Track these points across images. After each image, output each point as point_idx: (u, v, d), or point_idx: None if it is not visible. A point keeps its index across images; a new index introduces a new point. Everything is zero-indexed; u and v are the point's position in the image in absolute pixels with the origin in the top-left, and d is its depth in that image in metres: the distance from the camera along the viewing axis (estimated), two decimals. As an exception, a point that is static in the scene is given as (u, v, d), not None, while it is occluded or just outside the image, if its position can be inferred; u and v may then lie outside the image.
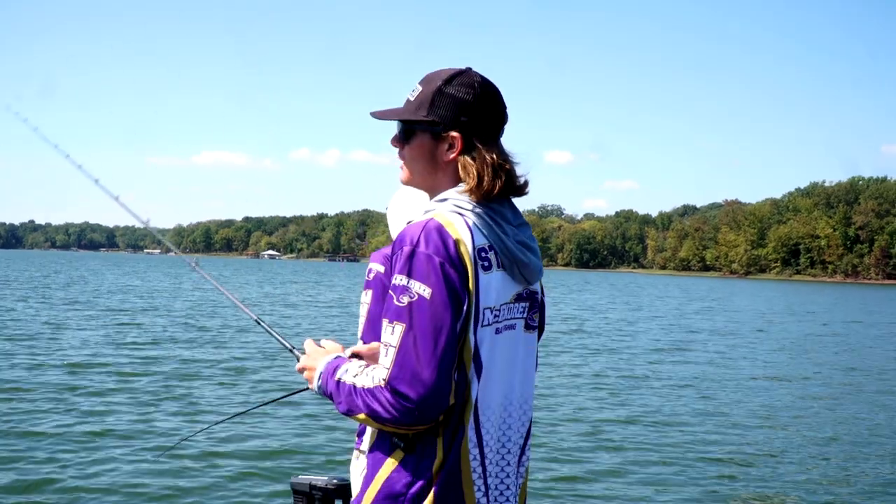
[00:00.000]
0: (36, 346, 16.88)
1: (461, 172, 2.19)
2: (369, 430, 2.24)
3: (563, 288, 65.85)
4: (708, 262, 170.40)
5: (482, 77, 2.24)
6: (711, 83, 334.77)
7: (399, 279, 2.03)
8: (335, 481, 3.61)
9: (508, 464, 2.21)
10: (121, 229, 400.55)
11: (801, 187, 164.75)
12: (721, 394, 14.13)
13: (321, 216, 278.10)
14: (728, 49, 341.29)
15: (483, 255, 2.09)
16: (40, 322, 21.97)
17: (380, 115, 2.30)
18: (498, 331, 2.15)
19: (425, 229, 2.05)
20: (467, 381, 2.08)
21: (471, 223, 2.10)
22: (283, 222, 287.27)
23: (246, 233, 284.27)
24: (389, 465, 2.10)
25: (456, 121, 2.18)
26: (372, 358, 2.28)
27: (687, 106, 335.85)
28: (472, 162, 2.17)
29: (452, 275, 2.01)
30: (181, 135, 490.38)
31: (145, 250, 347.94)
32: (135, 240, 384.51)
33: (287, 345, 2.62)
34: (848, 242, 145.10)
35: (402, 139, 2.29)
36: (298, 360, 2.36)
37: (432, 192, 2.27)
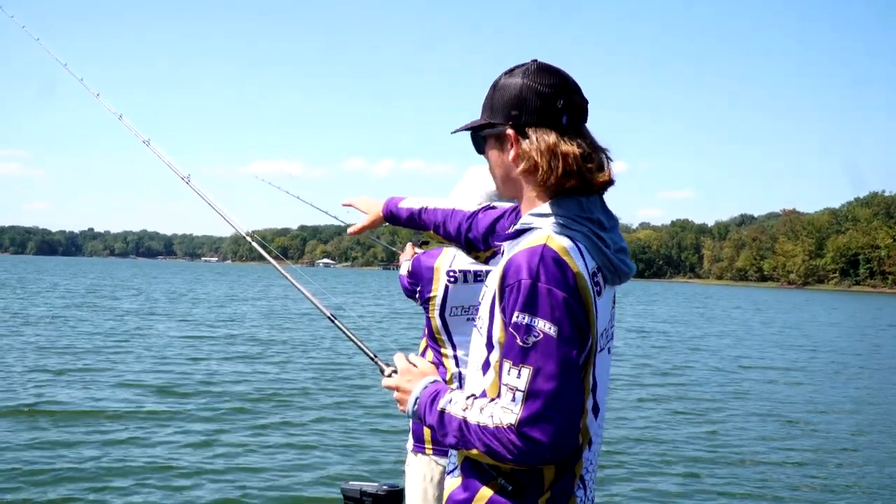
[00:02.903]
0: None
1: (520, 164, 2.06)
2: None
3: (630, 298, 63.44)
4: (765, 273, 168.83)
5: (539, 64, 2.10)
6: (770, 92, 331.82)
7: (521, 317, 1.89)
8: (385, 488, 3.64)
9: (594, 476, 2.15)
10: (178, 237, 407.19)
11: (861, 196, 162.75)
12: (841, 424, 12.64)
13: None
14: (786, 57, 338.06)
15: (595, 279, 1.97)
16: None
17: (456, 130, 2.23)
18: (602, 349, 2.06)
19: (543, 260, 1.90)
20: (585, 412, 2.00)
21: (582, 246, 1.97)
22: (338, 231, 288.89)
23: (301, 241, 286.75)
24: (487, 491, 2.03)
25: (507, 116, 2.06)
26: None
27: (744, 115, 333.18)
28: (525, 149, 2.03)
29: (576, 309, 1.89)
30: (233, 145, 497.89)
31: (203, 258, 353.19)
32: (192, 248, 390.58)
33: (369, 353, 2.47)
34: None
35: (477, 151, 2.22)
36: (382, 370, 2.29)
37: (522, 203, 2.15)
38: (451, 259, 3.61)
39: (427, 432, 3.49)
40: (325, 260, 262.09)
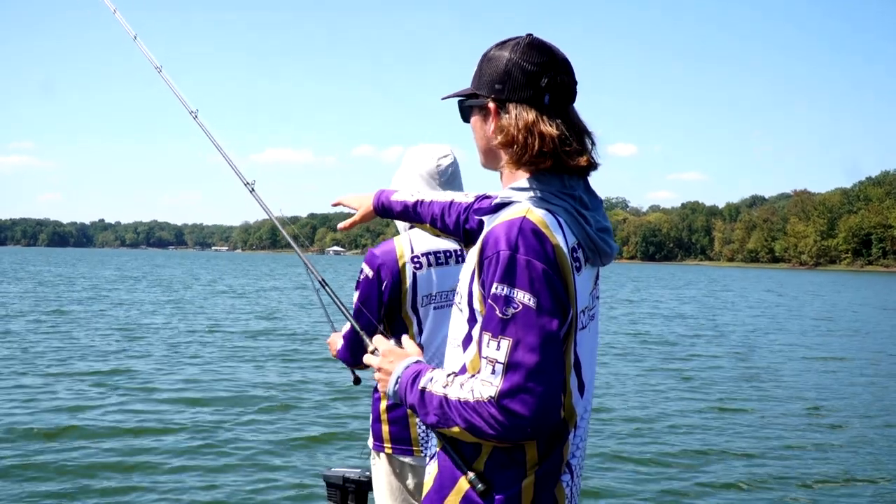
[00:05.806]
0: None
1: (498, 137, 2.04)
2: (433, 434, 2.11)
3: (652, 283, 60.92)
4: (777, 254, 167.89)
5: (531, 40, 2.06)
6: (781, 73, 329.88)
7: (499, 288, 1.85)
8: (367, 474, 3.60)
9: (583, 458, 2.12)
10: (189, 227, 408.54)
11: (872, 176, 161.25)
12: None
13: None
14: (798, 38, 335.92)
15: (574, 255, 1.94)
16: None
17: (445, 97, 2.24)
18: (584, 327, 2.03)
19: (522, 231, 1.87)
20: (569, 391, 1.97)
21: (562, 220, 1.94)
22: (348, 218, 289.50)
23: (311, 229, 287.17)
24: (465, 483, 1.99)
25: (491, 89, 2.05)
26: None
27: (754, 96, 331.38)
28: (503, 124, 2.01)
29: (556, 281, 1.86)
30: (245, 134, 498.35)
31: (213, 247, 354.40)
32: (203, 237, 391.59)
33: (355, 325, 2.61)
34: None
35: (463, 119, 2.22)
36: (366, 346, 2.31)
37: (502, 177, 2.14)
38: (409, 245, 3.29)
39: (386, 431, 3.38)
40: (335, 248, 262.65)
